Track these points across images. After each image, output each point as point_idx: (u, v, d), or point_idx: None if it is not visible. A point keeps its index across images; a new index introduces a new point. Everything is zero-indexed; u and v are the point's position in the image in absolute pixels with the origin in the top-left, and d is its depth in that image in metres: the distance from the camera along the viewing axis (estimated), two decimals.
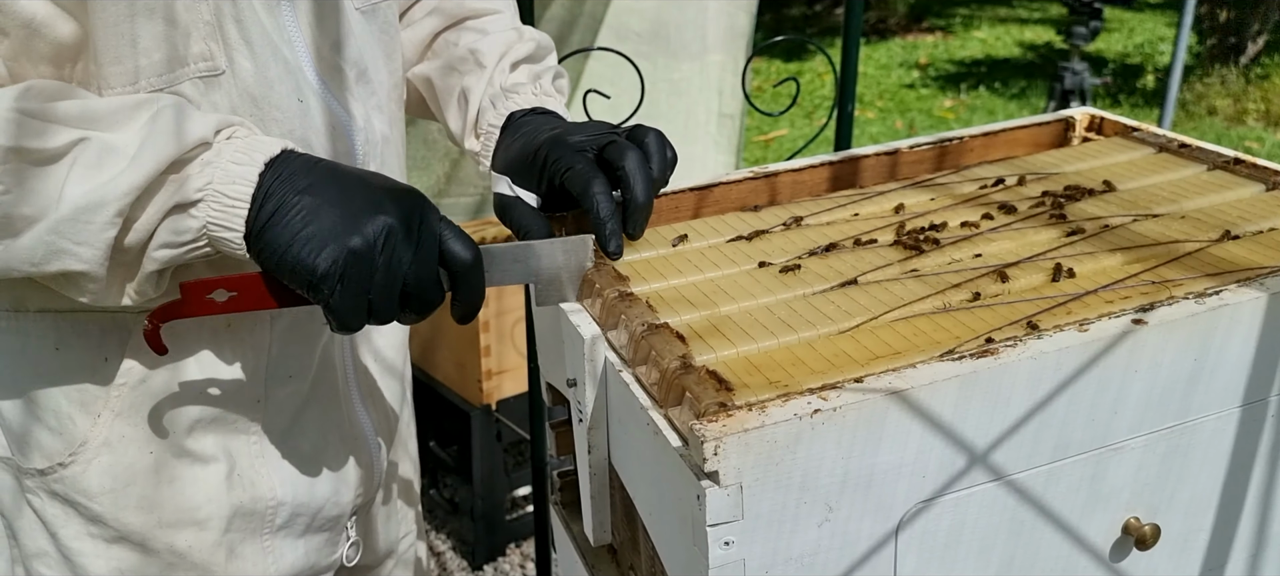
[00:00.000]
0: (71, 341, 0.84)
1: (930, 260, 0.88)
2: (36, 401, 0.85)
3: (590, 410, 0.82)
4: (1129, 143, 1.14)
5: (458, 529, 2.60)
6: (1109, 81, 6.33)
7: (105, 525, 0.88)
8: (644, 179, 0.86)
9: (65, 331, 0.84)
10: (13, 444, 0.87)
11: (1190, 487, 0.83)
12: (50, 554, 0.89)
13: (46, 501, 0.88)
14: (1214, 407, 0.80)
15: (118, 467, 0.87)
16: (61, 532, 0.88)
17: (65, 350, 0.84)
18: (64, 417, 0.85)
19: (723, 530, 0.66)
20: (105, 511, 0.87)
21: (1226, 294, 0.79)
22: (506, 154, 0.94)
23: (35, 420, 0.86)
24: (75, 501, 0.87)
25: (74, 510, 0.88)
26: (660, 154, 0.89)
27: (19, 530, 0.90)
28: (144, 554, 0.89)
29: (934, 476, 0.72)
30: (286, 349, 0.91)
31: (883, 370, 0.71)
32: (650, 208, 0.88)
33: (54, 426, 0.85)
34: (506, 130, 0.96)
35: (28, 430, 0.86)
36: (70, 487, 0.87)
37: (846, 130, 1.56)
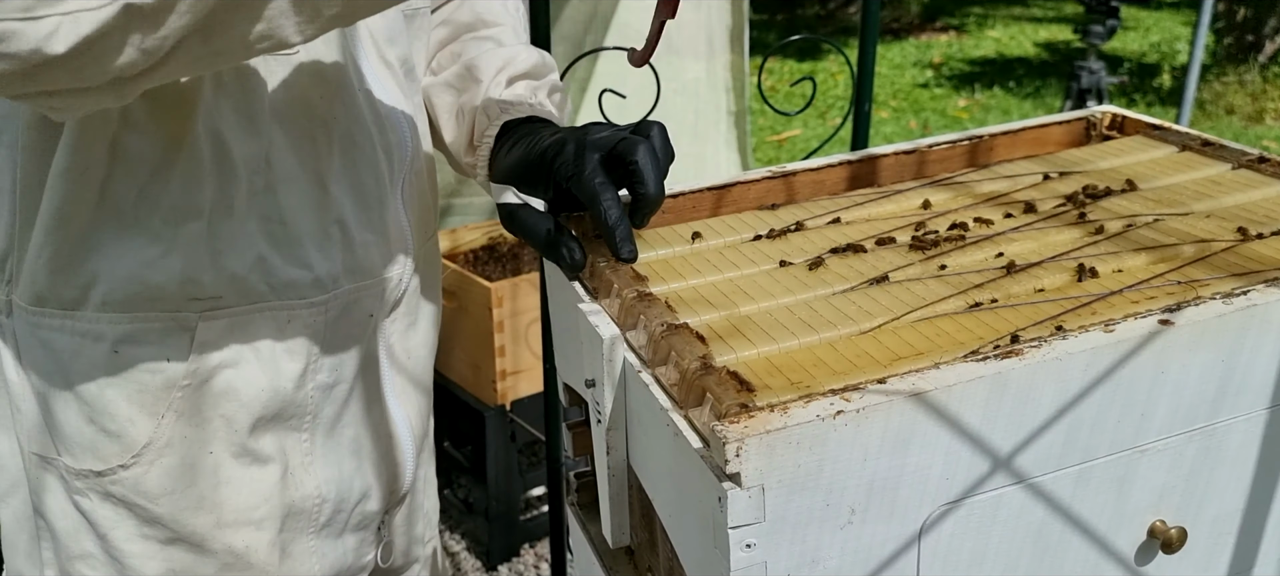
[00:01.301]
0: (133, 342, 0.83)
1: (952, 260, 0.87)
2: (92, 403, 0.84)
3: (609, 411, 0.81)
4: (1151, 141, 1.13)
5: (472, 529, 2.60)
6: (1125, 81, 6.29)
7: (163, 526, 0.87)
8: (655, 174, 0.86)
9: (126, 332, 0.83)
10: (61, 445, 0.86)
11: (1218, 491, 0.82)
12: (95, 556, 0.88)
13: (98, 503, 0.86)
14: (1243, 409, 0.79)
15: (180, 469, 0.86)
16: (113, 534, 0.87)
17: (125, 351, 0.83)
18: (123, 420, 0.84)
19: (744, 532, 0.66)
20: (166, 513, 0.86)
21: (1254, 294, 0.78)
22: (506, 161, 0.94)
23: (90, 422, 0.84)
24: (133, 503, 0.86)
25: (129, 511, 0.86)
26: (665, 147, 0.89)
27: (60, 532, 0.88)
28: (201, 554, 0.89)
29: (958, 479, 0.71)
30: (335, 345, 0.91)
31: (906, 371, 0.70)
32: (661, 200, 0.87)
33: (112, 429, 0.84)
34: (502, 139, 0.95)
35: (81, 432, 0.85)
36: (129, 490, 0.86)
37: (864, 129, 1.55)
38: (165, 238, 0.82)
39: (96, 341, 0.83)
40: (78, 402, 0.84)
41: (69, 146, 0.78)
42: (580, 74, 3.06)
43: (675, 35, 3.28)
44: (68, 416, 0.85)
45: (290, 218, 0.87)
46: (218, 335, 0.85)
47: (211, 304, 0.84)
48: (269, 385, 0.88)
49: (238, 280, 0.85)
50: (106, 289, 0.82)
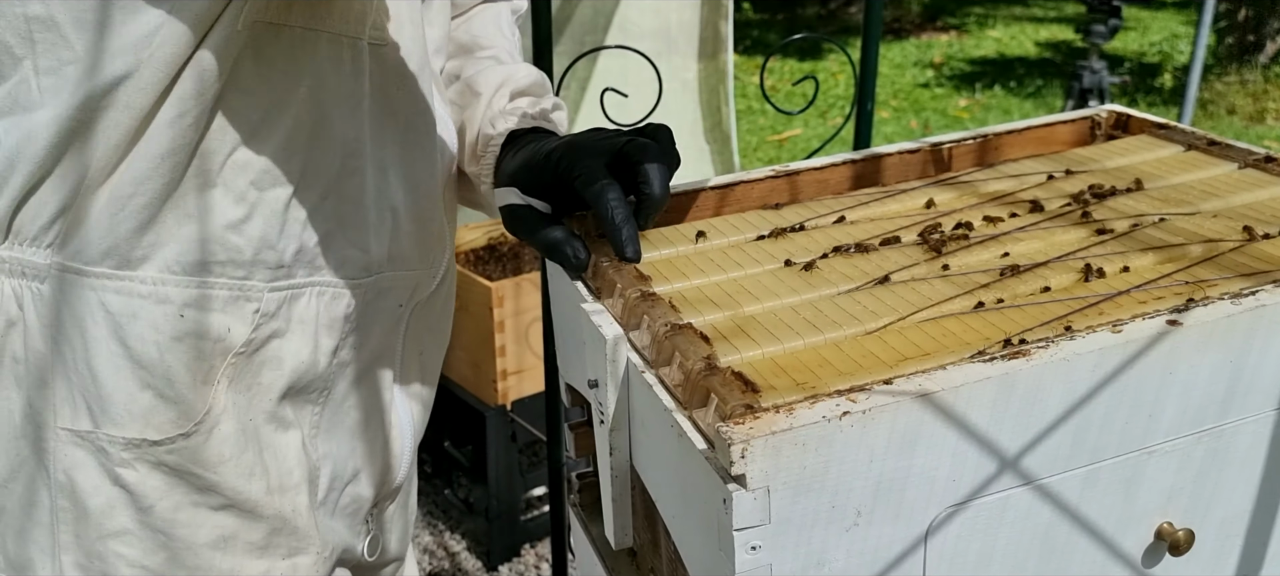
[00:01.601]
0: (198, 307, 0.81)
1: (957, 259, 0.87)
2: (151, 369, 0.81)
3: (612, 412, 0.80)
4: (1157, 140, 1.13)
5: (473, 529, 2.59)
6: (1127, 80, 6.29)
7: (217, 493, 0.85)
8: (661, 174, 0.87)
9: (193, 296, 0.81)
10: (104, 416, 0.82)
11: (1227, 492, 0.81)
12: (131, 532, 0.85)
13: (147, 473, 0.83)
14: (1252, 410, 0.78)
15: (235, 436, 0.85)
16: (160, 504, 0.84)
17: (191, 316, 0.81)
18: (182, 387, 0.82)
19: (749, 534, 0.65)
20: (222, 480, 0.85)
21: (1263, 294, 0.77)
22: (510, 166, 0.94)
23: (145, 388, 0.82)
24: (189, 471, 0.84)
25: (181, 480, 0.84)
26: (671, 149, 0.90)
27: (92, 510, 0.84)
28: (251, 520, 0.87)
29: (965, 481, 0.70)
30: (363, 326, 0.92)
31: (912, 371, 0.69)
32: (666, 201, 0.89)
33: (170, 396, 0.82)
34: (506, 148, 0.96)
35: (134, 400, 0.82)
36: (188, 459, 0.84)
37: (866, 129, 1.55)
38: (249, 201, 0.82)
39: (160, 304, 0.80)
40: (133, 368, 0.81)
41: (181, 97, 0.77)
42: (581, 73, 3.05)
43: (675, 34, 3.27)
44: (120, 384, 0.81)
45: (360, 199, 0.89)
46: (277, 305, 0.85)
47: (278, 273, 0.84)
48: (309, 358, 0.88)
49: (305, 252, 0.85)
50: (178, 250, 0.80)
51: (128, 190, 0.78)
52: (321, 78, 0.82)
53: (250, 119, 0.80)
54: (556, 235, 0.89)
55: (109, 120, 0.76)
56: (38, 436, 0.83)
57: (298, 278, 0.86)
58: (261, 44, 0.78)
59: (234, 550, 0.87)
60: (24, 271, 0.80)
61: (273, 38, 0.79)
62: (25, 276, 0.80)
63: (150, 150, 0.77)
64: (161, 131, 0.77)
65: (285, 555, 0.90)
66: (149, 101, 0.76)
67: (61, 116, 0.76)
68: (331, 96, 0.83)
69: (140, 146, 0.77)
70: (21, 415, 0.84)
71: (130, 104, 0.75)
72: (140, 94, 0.75)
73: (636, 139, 0.89)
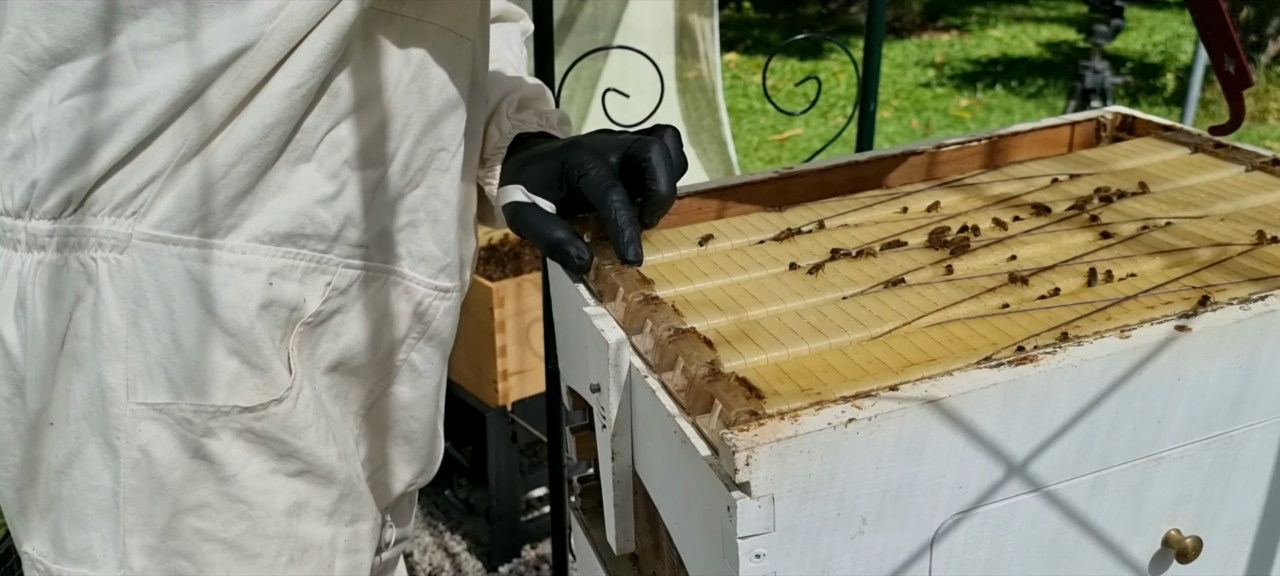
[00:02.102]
0: (282, 277, 0.81)
1: (963, 263, 0.86)
2: (240, 336, 0.80)
3: (614, 416, 0.80)
4: (1163, 142, 1.12)
5: (473, 530, 2.59)
6: (1129, 81, 6.28)
7: (297, 459, 0.85)
8: (667, 172, 0.88)
9: (279, 266, 0.81)
10: (188, 386, 0.81)
11: (1235, 500, 0.80)
12: (210, 504, 0.83)
13: (231, 441, 0.82)
14: (1261, 416, 0.78)
15: (313, 403, 0.85)
16: (242, 473, 0.83)
17: (278, 285, 0.81)
18: (267, 353, 0.81)
19: (754, 542, 0.64)
20: (307, 445, 0.85)
21: (1273, 299, 0.76)
22: (515, 165, 0.94)
23: (234, 355, 0.81)
24: (276, 438, 0.83)
25: (265, 447, 0.83)
26: (678, 150, 0.90)
27: (170, 485, 0.82)
28: (325, 486, 0.87)
29: (972, 487, 0.70)
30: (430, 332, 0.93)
31: (918, 377, 0.68)
32: (672, 200, 0.89)
33: (256, 363, 0.81)
34: (513, 150, 0.96)
35: (222, 367, 0.80)
36: (278, 425, 0.83)
37: (869, 130, 1.54)
38: (341, 178, 0.82)
39: (248, 272, 0.80)
40: (223, 336, 0.80)
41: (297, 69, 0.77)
42: (584, 76, 3.05)
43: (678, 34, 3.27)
44: (208, 350, 0.80)
45: (449, 196, 0.90)
46: (348, 282, 0.85)
47: (356, 252, 0.84)
48: (367, 341, 0.88)
49: (386, 237, 0.86)
50: (269, 220, 0.80)
51: (231, 158, 0.77)
52: (425, 69, 0.83)
53: (353, 99, 0.81)
54: (560, 235, 0.88)
55: (219, 89, 0.76)
56: (104, 415, 0.81)
57: (374, 261, 0.86)
58: (373, 28, 0.80)
59: (306, 516, 0.87)
60: (100, 243, 0.78)
61: (385, 23, 0.80)
62: (101, 248, 0.78)
63: (259, 120, 0.77)
64: (274, 101, 0.77)
65: (349, 521, 0.90)
66: (263, 73, 0.76)
67: (168, 89, 0.75)
68: (432, 88, 0.85)
69: (248, 115, 0.77)
70: (85, 396, 0.81)
71: (244, 75, 0.75)
72: (256, 66, 0.75)
73: (643, 138, 0.89)
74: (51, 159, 0.77)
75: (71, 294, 0.79)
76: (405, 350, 0.92)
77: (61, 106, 0.76)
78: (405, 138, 0.84)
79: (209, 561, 0.84)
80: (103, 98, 0.75)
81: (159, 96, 0.75)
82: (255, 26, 0.74)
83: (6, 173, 0.80)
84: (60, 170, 0.77)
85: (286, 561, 0.86)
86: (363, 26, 0.79)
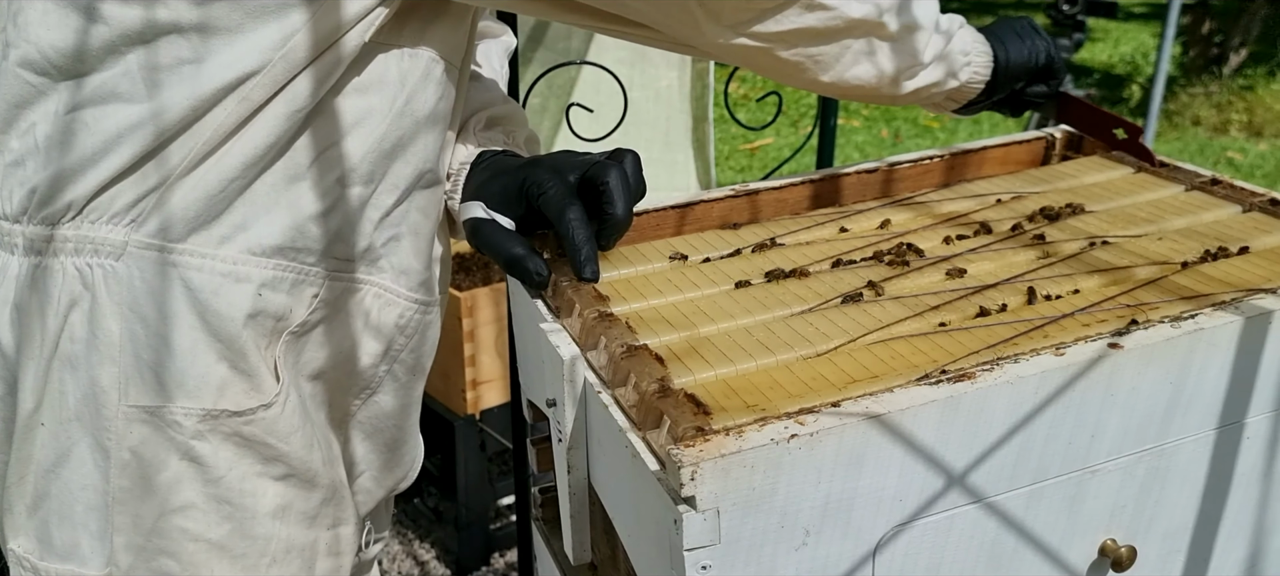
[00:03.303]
0: (272, 288, 0.84)
1: (909, 281, 0.89)
2: (229, 343, 0.83)
3: (570, 430, 0.82)
4: (1107, 161, 1.15)
5: (441, 538, 2.59)
6: (1092, 93, 6.36)
7: (283, 462, 0.87)
8: (625, 196, 0.90)
9: (269, 277, 0.83)
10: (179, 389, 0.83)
11: (1167, 510, 0.83)
12: (196, 505, 0.85)
13: (219, 444, 0.84)
14: (1190, 430, 0.81)
15: (299, 409, 0.87)
16: (229, 475, 0.85)
17: (267, 295, 0.84)
18: (254, 360, 0.84)
19: (700, 554, 0.67)
20: (293, 450, 0.87)
21: (1202, 318, 0.79)
22: (476, 181, 0.96)
23: (222, 361, 0.83)
24: (262, 442, 0.86)
25: (252, 450, 0.86)
26: (637, 174, 0.93)
27: (159, 486, 0.84)
28: (309, 489, 0.89)
29: (911, 499, 0.72)
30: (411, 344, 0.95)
31: (860, 394, 0.71)
32: (628, 224, 0.91)
33: (243, 369, 0.84)
34: (476, 167, 0.98)
35: (211, 372, 0.83)
36: (265, 429, 0.85)
37: (829, 145, 1.57)
38: (332, 195, 0.85)
39: (239, 282, 0.83)
40: (213, 342, 0.83)
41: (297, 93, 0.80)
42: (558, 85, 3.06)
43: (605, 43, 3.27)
44: (199, 356, 0.83)
45: (431, 211, 0.93)
46: (334, 295, 0.87)
47: (343, 265, 0.87)
48: (349, 351, 0.91)
49: (372, 251, 0.89)
50: (261, 233, 0.82)
51: (229, 174, 0.80)
52: (416, 94, 0.87)
53: (348, 121, 0.84)
54: (517, 251, 0.91)
55: (223, 109, 0.79)
56: (97, 417, 0.83)
57: (359, 274, 0.89)
58: (371, 55, 0.83)
59: (290, 519, 0.89)
60: (96, 249, 0.81)
61: (383, 52, 0.84)
62: (97, 254, 0.81)
63: (258, 139, 0.80)
64: (273, 122, 0.80)
65: (331, 525, 0.93)
66: (266, 96, 0.79)
67: (173, 108, 0.78)
68: (422, 112, 0.88)
69: (247, 134, 0.80)
70: (78, 397, 0.83)
71: (248, 97, 0.79)
72: (259, 89, 0.79)
73: (602, 162, 0.91)
74: (53, 167, 0.80)
75: (67, 298, 0.82)
76: (387, 360, 0.94)
77: (66, 118, 0.79)
78: (394, 158, 0.87)
79: (194, 560, 0.86)
80: (107, 112, 0.78)
81: (163, 115, 0.78)
82: (263, 54, 0.78)
83: (7, 178, 0.82)
84: (60, 178, 0.80)
85: (269, 562, 0.89)
86: (360, 55, 0.82)
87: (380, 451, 1.00)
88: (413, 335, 0.95)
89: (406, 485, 1.06)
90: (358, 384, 0.93)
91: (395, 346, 0.94)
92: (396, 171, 0.88)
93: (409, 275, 0.92)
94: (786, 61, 0.91)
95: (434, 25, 0.86)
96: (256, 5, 0.77)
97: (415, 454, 1.05)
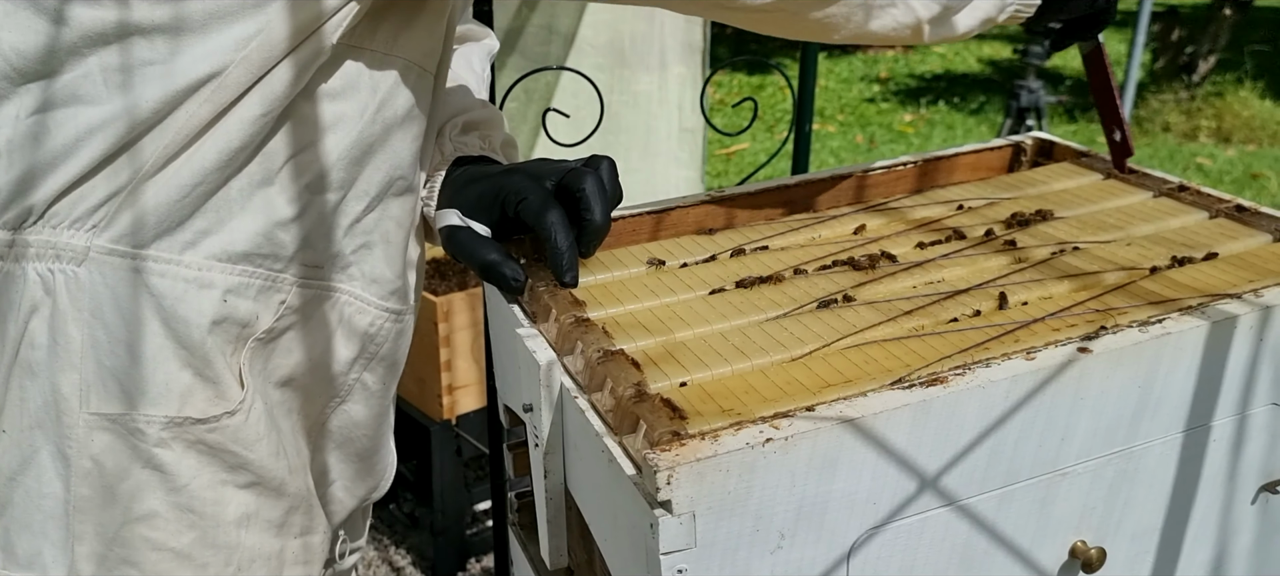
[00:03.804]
0: (237, 294, 0.83)
1: (883, 286, 0.89)
2: (194, 350, 0.82)
3: (546, 435, 0.82)
4: (1077, 168, 1.17)
5: (417, 543, 2.59)
6: (1064, 99, 6.43)
7: (248, 470, 0.86)
8: (602, 202, 0.91)
9: (235, 283, 0.82)
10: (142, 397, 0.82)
11: (1136, 512, 0.84)
12: (159, 514, 0.84)
13: (182, 453, 0.83)
14: (1159, 433, 0.82)
15: (264, 417, 0.86)
16: (193, 483, 0.84)
17: (232, 301, 0.83)
18: (218, 367, 0.83)
19: (676, 558, 0.67)
20: (257, 458, 0.86)
21: (1169, 322, 0.81)
22: (452, 189, 0.97)
23: (186, 368, 0.82)
24: (227, 450, 0.85)
25: (216, 458, 0.85)
26: (613, 180, 0.93)
27: (120, 495, 0.84)
28: (274, 498, 0.89)
29: (885, 502, 0.73)
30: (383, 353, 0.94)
31: (834, 398, 0.72)
32: (607, 230, 0.91)
33: (208, 376, 0.83)
34: (452, 174, 0.99)
35: (175, 379, 0.82)
36: (229, 437, 0.84)
37: (804, 151, 1.58)
38: (302, 201, 0.84)
39: (204, 288, 0.82)
40: (177, 348, 0.82)
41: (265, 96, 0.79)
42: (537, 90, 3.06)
43: (627, 48, 3.29)
44: (162, 362, 0.82)
45: (403, 220, 0.92)
46: (303, 301, 0.87)
47: (312, 272, 0.86)
48: (318, 358, 0.90)
49: (341, 258, 0.88)
50: (227, 239, 0.82)
51: (194, 179, 0.79)
52: (389, 100, 0.86)
53: (318, 126, 0.83)
54: (493, 257, 0.91)
55: (186, 112, 0.78)
56: (57, 425, 0.82)
57: (328, 281, 0.88)
58: (342, 59, 0.82)
59: (255, 527, 0.88)
60: (57, 255, 0.80)
61: (354, 56, 0.83)
62: (58, 259, 0.80)
63: (224, 143, 0.79)
64: (241, 127, 0.79)
65: (298, 534, 0.92)
66: (231, 98, 0.78)
67: (136, 110, 0.77)
68: (395, 118, 0.87)
69: (213, 138, 0.79)
70: (39, 404, 0.82)
71: (212, 99, 0.77)
72: (224, 91, 0.77)
73: (579, 169, 0.92)
74: (14, 171, 0.79)
75: (28, 304, 0.81)
76: (357, 369, 0.93)
77: (28, 122, 0.78)
78: (365, 165, 0.87)
79: (157, 569, 0.85)
80: (69, 115, 0.77)
81: (125, 116, 0.77)
82: (225, 54, 0.76)
83: None
84: (23, 183, 0.79)
85: (234, 570, 0.88)
86: (332, 58, 0.81)
87: (351, 460, 0.99)
88: (384, 343, 0.95)
89: (379, 494, 1.06)
90: (327, 392, 0.93)
91: (366, 354, 0.94)
92: (368, 178, 0.87)
93: (381, 283, 0.92)
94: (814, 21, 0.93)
95: (409, 29, 0.86)
96: (213, 7, 0.76)
97: (388, 462, 1.05)
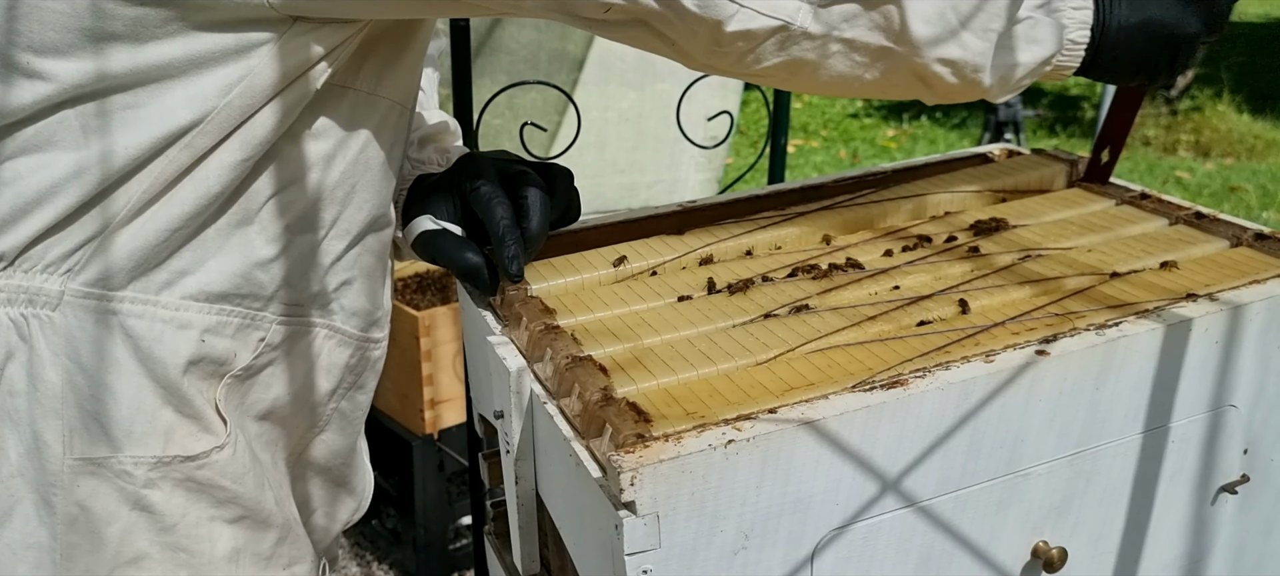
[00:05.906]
0: (215, 333, 0.83)
1: (847, 293, 0.91)
2: (172, 389, 0.82)
3: (517, 441, 0.83)
4: (1042, 160, 1.18)
5: (400, 559, 2.58)
6: (1042, 114, 6.48)
7: (236, 504, 0.86)
8: (541, 212, 0.92)
9: (212, 323, 0.83)
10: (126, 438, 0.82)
11: (1096, 512, 0.86)
12: (149, 555, 0.84)
13: (170, 491, 0.83)
14: (1115, 434, 0.84)
15: (247, 452, 0.87)
16: (182, 522, 0.84)
17: (210, 341, 0.83)
18: (198, 405, 0.83)
19: (640, 559, 0.68)
20: (245, 491, 0.86)
21: (1126, 326, 0.83)
22: (418, 196, 0.98)
23: (165, 406, 0.82)
24: (216, 486, 0.85)
25: (205, 495, 0.85)
26: (566, 191, 0.94)
27: (108, 538, 0.83)
28: (262, 530, 0.89)
29: (846, 504, 0.74)
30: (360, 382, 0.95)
31: (796, 401, 0.73)
32: (541, 239, 0.93)
33: (188, 413, 0.83)
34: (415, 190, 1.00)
35: (157, 418, 0.82)
36: (217, 473, 0.84)
37: (779, 164, 1.60)
38: (282, 241, 0.84)
39: (182, 328, 0.82)
40: (156, 388, 0.82)
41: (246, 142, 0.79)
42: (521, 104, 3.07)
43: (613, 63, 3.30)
44: (144, 403, 0.82)
45: (381, 254, 0.93)
46: (282, 338, 0.87)
47: (292, 310, 0.87)
48: (298, 392, 0.90)
49: (323, 296, 0.89)
50: (205, 279, 0.82)
51: (172, 223, 0.79)
52: (371, 140, 0.86)
53: (301, 167, 0.83)
54: (472, 258, 0.93)
55: (166, 158, 0.78)
56: (41, 472, 0.82)
57: (309, 316, 0.88)
58: (326, 100, 0.82)
59: (245, 562, 0.88)
60: (31, 299, 0.79)
61: (338, 96, 0.83)
62: (32, 304, 0.79)
63: (203, 188, 0.79)
64: (221, 172, 0.79)
65: (286, 565, 0.92)
66: (212, 143, 0.78)
67: (114, 157, 0.77)
68: (376, 157, 0.87)
69: (191, 183, 0.79)
70: (21, 453, 0.82)
71: (192, 144, 0.77)
72: (205, 137, 0.77)
73: (528, 171, 0.93)
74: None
75: (4, 350, 0.80)
76: (335, 399, 0.94)
77: (3, 168, 0.77)
78: (347, 204, 0.87)
79: None
80: (44, 160, 0.77)
81: (100, 165, 0.77)
82: (208, 100, 0.76)
83: None
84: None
85: None
86: (318, 100, 0.81)
87: (330, 487, 1.00)
88: (360, 371, 0.95)
89: (358, 516, 1.06)
90: (306, 422, 0.93)
91: (345, 385, 0.94)
92: (349, 217, 0.88)
93: (360, 315, 0.92)
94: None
95: (392, 69, 0.86)
96: (195, 55, 0.76)
97: (366, 481, 1.05)
